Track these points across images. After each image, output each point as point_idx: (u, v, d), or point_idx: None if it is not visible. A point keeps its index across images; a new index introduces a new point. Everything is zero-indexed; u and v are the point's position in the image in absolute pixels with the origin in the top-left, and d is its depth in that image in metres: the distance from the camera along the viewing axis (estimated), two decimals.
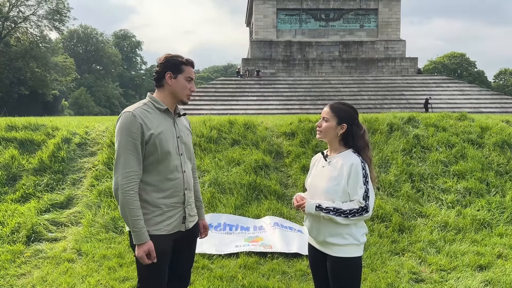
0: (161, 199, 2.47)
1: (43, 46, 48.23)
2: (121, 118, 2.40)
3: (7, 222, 5.42)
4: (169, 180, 2.48)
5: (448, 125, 8.58)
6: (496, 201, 6.29)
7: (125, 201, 2.33)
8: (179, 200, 2.54)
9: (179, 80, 2.49)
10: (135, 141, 2.35)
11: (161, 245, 2.43)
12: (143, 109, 2.45)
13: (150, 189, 2.44)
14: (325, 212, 2.43)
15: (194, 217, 2.70)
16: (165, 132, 2.46)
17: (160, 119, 2.48)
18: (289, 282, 4.22)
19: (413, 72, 38.32)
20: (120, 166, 2.35)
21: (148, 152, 2.41)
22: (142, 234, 2.34)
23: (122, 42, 77.79)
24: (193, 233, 2.72)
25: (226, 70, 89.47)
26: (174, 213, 2.52)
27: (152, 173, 2.44)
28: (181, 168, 2.55)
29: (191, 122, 8.42)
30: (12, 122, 8.13)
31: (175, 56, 2.52)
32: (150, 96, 2.55)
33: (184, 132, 2.62)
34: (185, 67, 2.51)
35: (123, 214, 2.36)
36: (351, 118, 2.56)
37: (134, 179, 2.36)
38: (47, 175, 6.66)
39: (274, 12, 38.44)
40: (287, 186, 6.88)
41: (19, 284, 4.14)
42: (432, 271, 4.52)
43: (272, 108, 28.69)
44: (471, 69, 60.25)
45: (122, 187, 2.32)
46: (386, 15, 38.93)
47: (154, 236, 2.41)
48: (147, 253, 2.35)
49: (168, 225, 2.49)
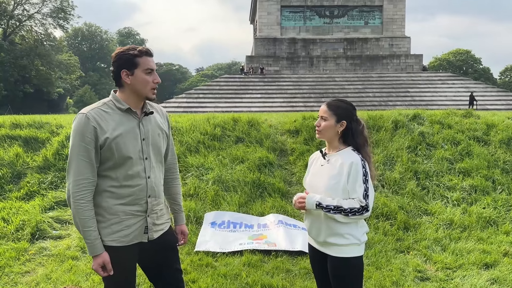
0: (119, 206, 2.25)
1: (47, 44, 48.47)
2: (75, 121, 2.21)
3: (11, 219, 5.43)
4: (129, 187, 2.26)
5: (453, 122, 8.52)
6: (502, 199, 6.24)
7: (76, 211, 2.17)
8: (140, 208, 2.31)
9: (137, 75, 2.24)
10: (88, 146, 2.16)
11: (119, 257, 2.26)
12: (101, 109, 2.23)
13: (107, 195, 2.24)
14: (326, 210, 2.39)
15: (161, 226, 2.44)
16: (124, 135, 2.23)
17: (121, 120, 2.25)
18: (293, 280, 4.20)
19: (418, 69, 38.12)
20: (72, 173, 2.18)
21: (104, 157, 2.21)
22: (95, 246, 2.19)
23: (126, 40, 77.93)
24: (163, 243, 2.45)
25: (230, 68, 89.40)
26: (134, 222, 2.30)
27: (109, 179, 2.24)
28: (145, 173, 2.30)
29: (195, 119, 8.51)
30: (17, 120, 8.16)
31: (126, 50, 2.27)
32: (112, 95, 2.32)
33: (153, 132, 2.36)
34: (140, 59, 2.24)
35: (75, 223, 2.21)
36: (349, 114, 2.51)
37: (87, 187, 2.17)
38: (52, 172, 6.67)
39: (278, 9, 38.32)
40: (291, 184, 6.85)
41: (23, 282, 4.15)
42: (437, 269, 4.48)
43: (276, 106, 28.65)
44: (477, 66, 59.84)
45: (74, 196, 2.16)
46: (391, 12, 38.71)
47: (110, 248, 2.24)
48: (102, 266, 2.21)
49: (125, 236, 2.27)
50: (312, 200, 2.44)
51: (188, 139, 7.69)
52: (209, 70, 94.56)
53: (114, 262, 2.23)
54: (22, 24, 46.51)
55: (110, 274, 2.24)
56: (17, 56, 43.33)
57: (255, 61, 37.50)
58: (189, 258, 4.68)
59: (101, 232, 2.23)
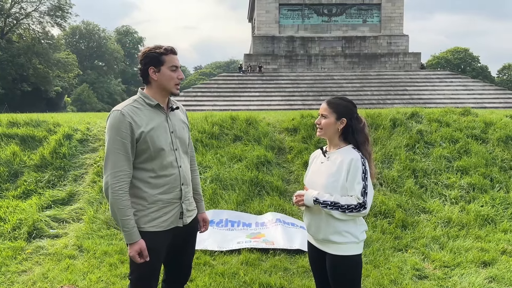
0: (158, 195, 2.44)
1: (45, 42, 48.31)
2: (110, 117, 2.37)
3: (8, 218, 5.41)
4: (165, 177, 2.45)
5: (451, 120, 8.51)
6: (500, 197, 6.24)
7: (114, 201, 2.31)
8: (175, 196, 2.51)
9: (163, 72, 2.43)
10: (124, 140, 2.32)
11: (157, 242, 2.43)
12: (133, 106, 2.41)
13: (146, 186, 2.42)
14: (323, 206, 2.41)
15: (192, 212, 2.67)
16: (156, 128, 2.42)
17: (151, 115, 2.44)
18: (291, 279, 4.19)
19: (416, 67, 38.09)
20: (109, 166, 2.32)
21: (140, 150, 2.38)
22: (133, 233, 2.34)
23: (124, 38, 77.74)
24: (192, 228, 2.70)
25: (228, 66, 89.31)
26: (171, 208, 2.50)
27: (146, 170, 2.41)
28: (177, 163, 2.51)
29: (193, 118, 8.48)
30: (14, 118, 8.12)
31: (153, 49, 2.44)
32: (140, 92, 2.50)
33: (179, 126, 2.57)
34: (166, 57, 2.43)
35: (113, 213, 2.35)
36: (349, 112, 2.52)
37: (124, 179, 2.33)
38: (49, 171, 6.65)
39: (276, 7, 38.22)
40: (289, 182, 6.84)
41: (20, 281, 4.13)
42: (435, 268, 4.48)
43: (275, 104, 28.60)
44: (475, 64, 59.85)
45: (112, 187, 2.31)
46: (389, 10, 38.65)
47: (150, 233, 2.41)
48: (139, 252, 2.35)
49: (164, 221, 2.47)
50: (310, 196, 2.46)
51: None
52: (207, 68, 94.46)
53: (150, 248, 2.38)
54: (20, 23, 46.33)
55: (146, 260, 2.37)
56: (14, 55, 43.16)
57: (254, 59, 37.42)
58: None
59: (141, 220, 2.40)
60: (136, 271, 2.48)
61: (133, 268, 2.49)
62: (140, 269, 2.44)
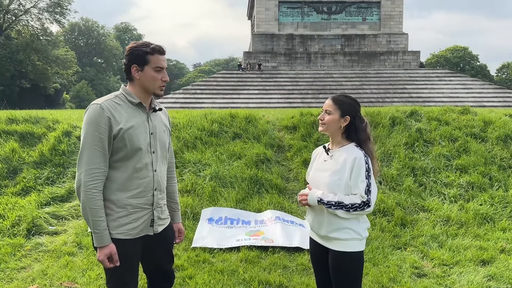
0: (127, 199, 2.29)
1: (44, 39, 48.17)
2: (89, 111, 2.23)
3: (7, 215, 5.40)
4: (137, 179, 2.30)
5: (450, 119, 8.52)
6: (499, 196, 6.25)
7: (87, 200, 2.17)
8: (147, 201, 2.36)
9: (146, 72, 2.29)
10: (101, 135, 2.18)
11: (125, 250, 2.29)
12: (114, 101, 2.28)
13: (116, 187, 2.27)
14: (327, 206, 2.42)
15: (164, 220, 2.52)
16: (136, 127, 2.28)
17: (132, 112, 2.31)
18: (291, 276, 4.20)
19: (415, 65, 38.09)
20: (84, 162, 2.18)
21: (116, 148, 2.24)
22: (103, 236, 2.20)
23: (123, 35, 77.57)
24: (165, 238, 2.53)
25: (227, 64, 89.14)
26: (141, 215, 2.35)
27: (119, 170, 2.27)
28: (152, 166, 2.36)
29: (192, 115, 8.47)
30: (13, 115, 8.09)
31: (139, 46, 2.30)
32: (123, 88, 2.38)
33: (159, 128, 2.43)
34: (151, 57, 2.28)
35: (84, 213, 2.21)
36: (354, 110, 2.54)
37: (98, 177, 2.19)
38: (48, 168, 6.64)
39: (275, 5, 38.16)
40: (288, 180, 6.84)
41: (19, 278, 4.13)
42: (434, 266, 4.49)
43: (274, 102, 28.58)
44: (474, 62, 59.87)
45: (85, 185, 2.16)
46: (389, 8, 38.62)
47: (117, 240, 2.26)
48: (109, 256, 2.23)
49: (134, 228, 2.32)
50: (314, 196, 2.47)
51: (185, 135, 7.67)
52: (206, 65, 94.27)
53: (120, 254, 2.26)
54: (18, 19, 46.17)
55: (116, 265, 2.26)
56: (13, 51, 43.02)
57: (253, 57, 37.38)
58: (186, 254, 4.67)
59: (109, 225, 2.25)
60: (111, 280, 2.37)
61: (108, 277, 2.37)
62: (115, 277, 2.34)
